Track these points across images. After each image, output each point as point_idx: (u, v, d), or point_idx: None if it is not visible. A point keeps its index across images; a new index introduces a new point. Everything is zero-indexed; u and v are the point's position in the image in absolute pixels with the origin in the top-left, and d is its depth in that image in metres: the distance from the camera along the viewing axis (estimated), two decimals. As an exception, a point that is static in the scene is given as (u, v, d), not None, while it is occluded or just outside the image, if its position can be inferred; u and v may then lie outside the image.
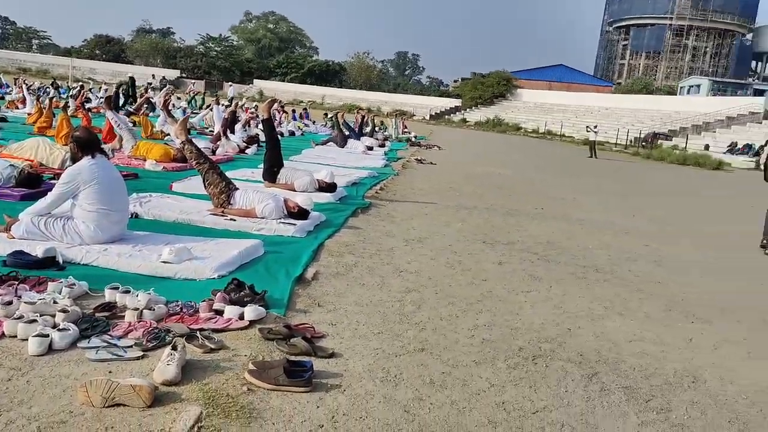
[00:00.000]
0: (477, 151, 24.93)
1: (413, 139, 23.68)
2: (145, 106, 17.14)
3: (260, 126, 12.06)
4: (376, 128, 23.96)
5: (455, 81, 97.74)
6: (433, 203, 8.74)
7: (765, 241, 7.93)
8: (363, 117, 22.49)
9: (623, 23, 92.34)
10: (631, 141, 39.76)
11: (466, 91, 70.00)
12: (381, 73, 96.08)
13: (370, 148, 16.08)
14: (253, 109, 20.90)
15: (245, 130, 14.85)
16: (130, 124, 11.34)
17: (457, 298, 4.43)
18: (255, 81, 72.05)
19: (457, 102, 69.56)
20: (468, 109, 66.13)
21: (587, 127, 30.40)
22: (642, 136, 40.17)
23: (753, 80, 72.17)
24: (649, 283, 5.48)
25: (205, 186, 6.17)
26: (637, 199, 12.83)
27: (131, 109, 17.39)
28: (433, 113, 65.77)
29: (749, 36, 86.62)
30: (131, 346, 2.98)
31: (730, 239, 8.66)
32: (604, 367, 3.46)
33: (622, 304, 4.71)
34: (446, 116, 65.72)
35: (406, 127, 28.46)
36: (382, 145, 18.01)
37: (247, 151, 12.47)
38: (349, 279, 4.55)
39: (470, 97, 67.85)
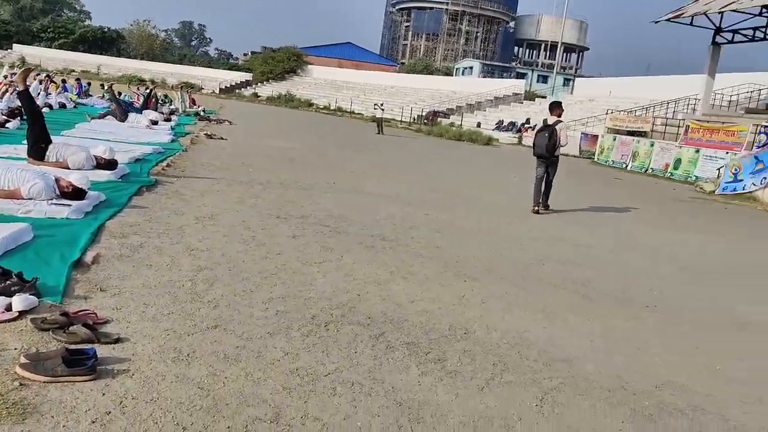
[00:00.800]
0: (270, 126, 24.76)
1: (202, 114, 22.82)
2: None
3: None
4: (160, 101, 22.62)
5: (245, 54, 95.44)
6: (224, 179, 8.56)
7: (535, 207, 9.21)
8: (150, 90, 21.05)
9: (405, 5, 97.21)
10: (414, 118, 42.30)
11: (257, 66, 68.85)
12: (165, 42, 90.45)
13: (155, 123, 15.17)
14: (11, 78, 18.49)
15: (3, 101, 13.12)
16: None
17: (251, 273, 4.44)
18: (15, 46, 63.58)
19: (248, 76, 68.12)
20: (259, 84, 65.13)
21: (374, 104, 31.73)
22: (423, 113, 42.89)
23: (516, 64, 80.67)
24: (428, 249, 5.98)
25: None
26: (420, 172, 13.77)
27: None
28: (224, 87, 63.76)
29: (512, 24, 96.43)
30: None
31: (498, 206, 9.71)
32: (389, 327, 3.74)
33: (405, 269, 5.10)
34: (237, 90, 64.11)
35: (194, 101, 27.27)
36: (168, 120, 17.09)
37: (8, 125, 11.04)
38: (135, 261, 4.32)
39: (261, 71, 66.86)
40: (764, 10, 22.71)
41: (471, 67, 70.07)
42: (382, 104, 30.59)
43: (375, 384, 2.96)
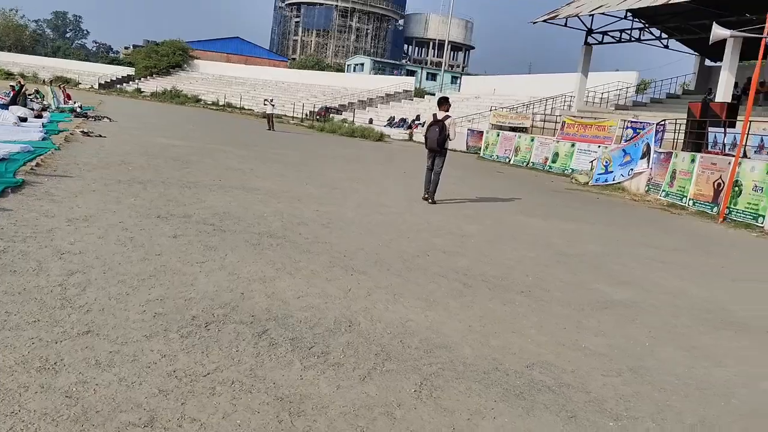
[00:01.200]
0: (153, 123, 23.74)
1: (78, 110, 21.50)
2: None
3: None
4: (30, 97, 21.08)
5: (126, 48, 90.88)
6: (102, 179, 8.13)
7: (425, 195, 9.95)
8: (22, 85, 19.52)
9: (295, 0, 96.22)
10: (306, 114, 42.05)
11: (140, 60, 65.80)
12: (36, 34, 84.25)
13: (24, 120, 14.12)
14: None
15: None
16: None
17: (128, 275, 4.27)
18: None
19: (130, 71, 64.98)
20: (143, 79, 62.32)
21: (265, 100, 31.23)
22: (315, 110, 42.76)
23: (405, 62, 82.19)
24: (316, 244, 6.00)
25: None
26: (310, 167, 13.73)
27: None
28: (103, 82, 60.43)
29: (401, 22, 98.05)
30: None
31: (388, 200, 9.87)
32: (273, 323, 3.72)
33: (292, 265, 5.08)
34: (118, 85, 60.98)
35: (69, 97, 25.63)
36: (39, 116, 15.97)
37: None
38: (-4, 267, 4.03)
39: (144, 66, 64.01)
40: (629, 14, 24.55)
41: (362, 64, 70.62)
42: (272, 100, 30.18)
43: (256, 381, 2.95)
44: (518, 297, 5.02)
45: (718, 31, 12.02)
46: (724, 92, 18.91)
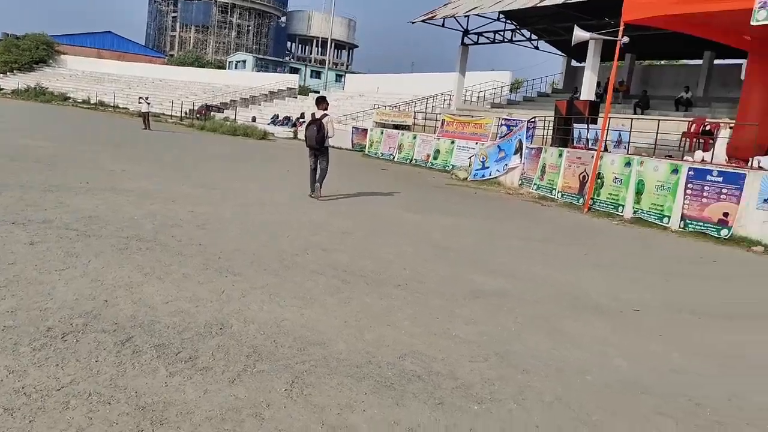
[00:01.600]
0: (14, 123, 21.95)
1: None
2: None
3: None
4: None
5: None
6: (-53, 184, 7.41)
7: (311, 193, 10.23)
8: None
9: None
10: (186, 113, 40.59)
11: (-2, 55, 60.56)
12: None
13: None
14: None
15: None
16: None
17: (-27, 287, 3.91)
18: None
19: (-15, 66, 59.66)
20: (2, 75, 57.50)
21: (140, 98, 29.82)
22: (195, 108, 41.38)
23: (289, 59, 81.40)
24: (190, 246, 5.80)
25: None
26: (188, 167, 13.25)
27: None
28: (-46, 78, 55.10)
29: (284, 19, 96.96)
30: None
31: (269, 199, 9.72)
32: (138, 330, 3.56)
33: (162, 269, 4.88)
34: (-28, 82, 55.81)
35: None
36: None
37: None
38: None
39: (4, 61, 59.13)
40: (502, 16, 25.73)
41: (244, 61, 69.11)
42: (147, 98, 28.83)
43: (116, 392, 2.81)
44: (395, 291, 5.12)
45: (579, 33, 12.89)
46: (588, 91, 20.28)
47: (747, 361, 4.36)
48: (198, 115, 39.04)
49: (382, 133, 25.91)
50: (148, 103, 27.65)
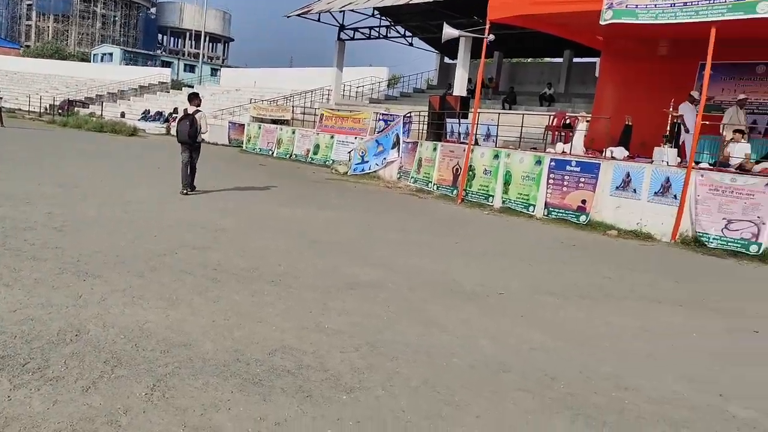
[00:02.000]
0: None
1: None
2: None
3: None
4: None
5: None
6: None
7: (184, 190, 10.07)
8: None
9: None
10: (46, 108, 37.74)
11: None
12: None
13: None
14: None
15: None
16: None
17: None
18: None
19: None
20: None
21: (-10, 91, 27.30)
22: (57, 103, 38.57)
23: (161, 52, 77.79)
24: (45, 249, 5.39)
25: None
26: (47, 166, 12.31)
27: None
28: None
29: (153, 10, 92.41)
30: None
31: (135, 197, 9.24)
32: (-21, 343, 3.26)
33: (10, 276, 4.50)
34: None
35: None
36: None
37: None
38: None
39: None
40: (376, 12, 26.07)
41: (111, 54, 65.16)
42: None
43: (-52, 411, 2.55)
44: (267, 287, 5.05)
45: (448, 31, 13.32)
46: (460, 87, 21.04)
47: (596, 336, 4.72)
48: (60, 111, 36.36)
49: (260, 128, 25.43)
50: (1, 98, 25.38)
